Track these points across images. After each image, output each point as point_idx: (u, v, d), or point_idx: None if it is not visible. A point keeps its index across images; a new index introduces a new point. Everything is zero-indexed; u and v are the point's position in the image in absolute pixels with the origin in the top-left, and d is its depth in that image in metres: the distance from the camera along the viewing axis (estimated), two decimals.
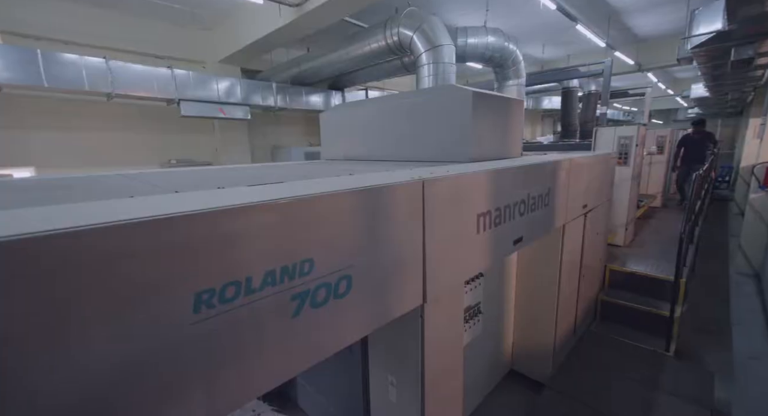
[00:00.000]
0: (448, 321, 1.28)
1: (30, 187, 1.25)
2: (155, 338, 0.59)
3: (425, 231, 1.14)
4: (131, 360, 0.57)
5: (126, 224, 0.55)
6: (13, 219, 0.56)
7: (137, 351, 0.57)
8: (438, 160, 1.88)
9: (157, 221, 0.58)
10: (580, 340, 2.75)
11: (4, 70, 3.91)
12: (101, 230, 0.53)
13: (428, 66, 4.26)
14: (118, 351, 0.55)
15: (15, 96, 4.61)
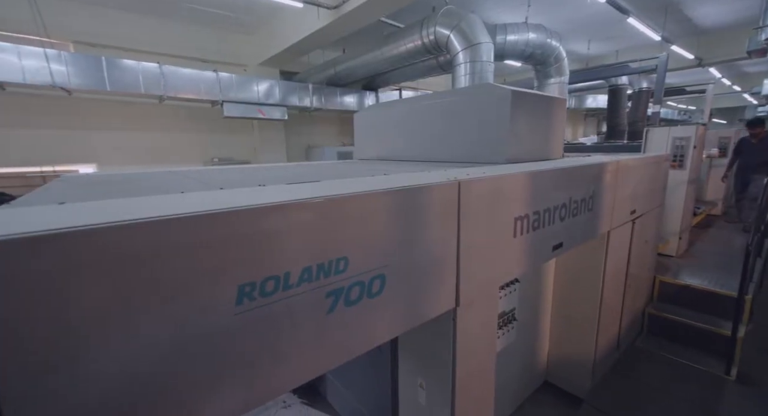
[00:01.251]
0: (482, 327, 1.25)
1: (93, 182, 1.38)
2: (204, 325, 0.63)
3: (460, 233, 1.11)
4: (183, 344, 0.61)
5: (181, 218, 0.59)
6: (84, 211, 0.62)
7: (188, 336, 0.61)
8: (473, 160, 1.83)
9: (208, 216, 0.62)
10: (624, 355, 2.57)
11: (75, 77, 4.33)
12: (161, 222, 0.57)
13: (465, 65, 4.18)
14: (172, 334, 0.59)
15: (81, 99, 5.10)
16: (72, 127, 5.22)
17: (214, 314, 0.64)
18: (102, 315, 0.52)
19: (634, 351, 2.66)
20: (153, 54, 5.45)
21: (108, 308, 0.53)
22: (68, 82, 4.30)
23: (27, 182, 5.10)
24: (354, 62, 5.79)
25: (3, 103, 4.64)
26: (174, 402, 0.62)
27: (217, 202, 0.70)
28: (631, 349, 2.67)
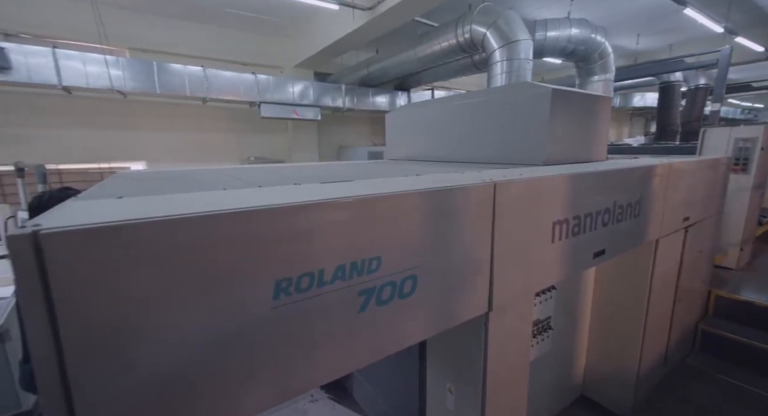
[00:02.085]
0: (515, 334, 1.21)
1: (144, 178, 1.48)
2: (244, 317, 0.65)
3: (494, 236, 1.08)
4: (224, 334, 0.64)
5: (226, 214, 0.61)
6: (141, 205, 0.66)
7: (229, 326, 0.64)
8: (508, 162, 1.77)
9: (250, 212, 0.64)
10: (672, 372, 2.38)
11: (129, 80, 4.69)
12: (208, 218, 0.60)
13: (501, 63, 4.05)
14: (215, 323, 0.62)
15: (134, 101, 5.52)
16: (126, 128, 5.66)
17: (253, 307, 0.66)
18: (155, 302, 0.56)
19: (683, 368, 2.45)
20: (198, 58, 5.77)
21: (161, 295, 0.56)
22: (124, 85, 4.66)
23: (87, 177, 5.60)
24: (387, 62, 5.81)
25: (69, 105, 5.11)
26: (216, 390, 0.65)
27: (257, 199, 0.72)
28: (681, 367, 2.46)
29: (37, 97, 4.88)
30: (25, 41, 4.49)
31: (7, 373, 2.64)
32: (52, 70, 4.18)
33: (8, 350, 2.63)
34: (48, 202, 1.66)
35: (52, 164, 4.70)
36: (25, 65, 4.05)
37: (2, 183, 5.08)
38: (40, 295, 0.46)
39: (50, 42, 4.53)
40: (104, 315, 0.52)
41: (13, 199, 4.79)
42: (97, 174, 5.72)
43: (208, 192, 0.88)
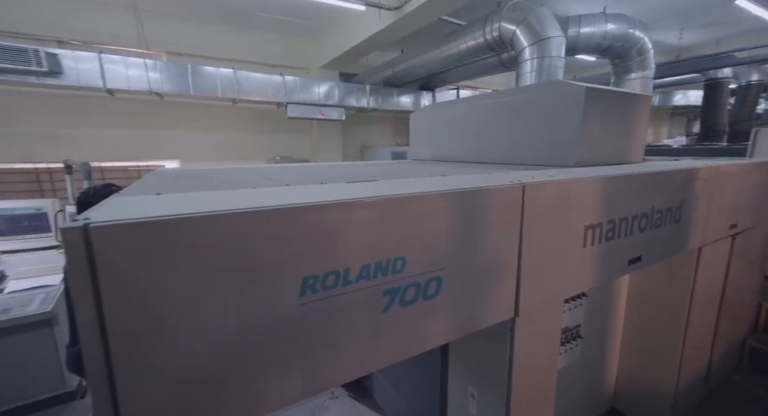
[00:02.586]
0: (542, 340, 1.17)
1: (179, 176, 1.55)
2: (272, 311, 0.67)
3: (522, 239, 1.05)
4: (253, 327, 0.66)
5: (256, 211, 0.63)
6: (178, 202, 0.69)
7: (258, 319, 0.66)
8: (536, 163, 1.72)
9: (279, 210, 0.66)
10: (715, 390, 2.22)
11: (166, 83, 4.93)
12: (240, 214, 0.62)
13: (531, 61, 3.92)
14: (245, 316, 0.64)
15: (169, 103, 5.79)
16: (161, 127, 5.96)
17: (281, 302, 0.68)
18: (191, 293, 0.59)
19: (728, 386, 2.28)
20: (229, 60, 5.98)
21: (196, 287, 0.59)
22: (161, 87, 4.91)
23: (126, 174, 5.95)
24: (412, 62, 5.78)
25: (111, 107, 5.45)
26: (246, 380, 0.67)
27: (285, 198, 0.74)
28: (725, 384, 2.30)
29: (84, 99, 5.24)
30: (75, 48, 4.83)
31: (55, 356, 2.84)
32: (98, 74, 4.47)
33: (56, 334, 2.84)
34: (93, 198, 1.77)
35: (96, 162, 5.02)
36: (75, 70, 4.35)
37: (52, 179, 5.49)
38: (88, 283, 0.49)
39: (97, 48, 4.84)
40: (144, 305, 0.55)
41: (62, 193, 5.16)
42: (135, 171, 6.06)
43: (239, 190, 0.91)
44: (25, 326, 2.70)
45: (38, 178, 5.44)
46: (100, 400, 0.52)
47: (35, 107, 5.06)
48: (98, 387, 0.52)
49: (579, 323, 1.61)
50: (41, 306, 2.77)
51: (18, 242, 3.50)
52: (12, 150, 5.05)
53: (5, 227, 3.46)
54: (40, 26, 4.88)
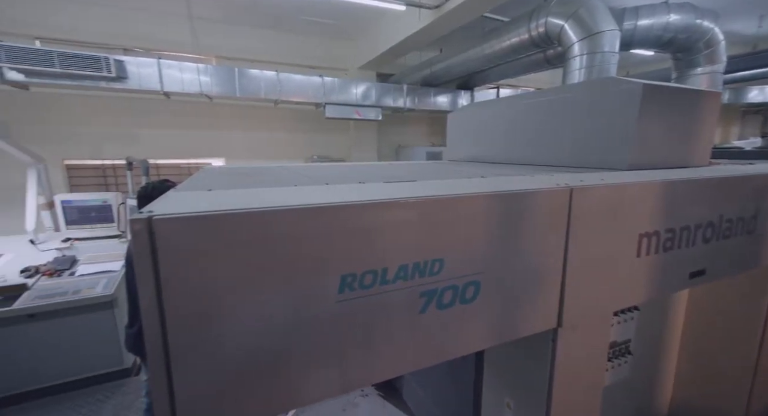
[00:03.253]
0: (587, 354, 1.10)
1: (226, 173, 1.64)
2: (311, 306, 0.69)
3: (568, 246, 0.99)
4: (293, 320, 0.68)
5: (300, 208, 0.65)
6: (228, 198, 0.73)
7: (297, 313, 0.68)
8: (584, 165, 1.62)
9: (322, 208, 0.68)
10: None
11: (215, 85, 5.25)
12: (285, 211, 0.64)
13: (581, 57, 3.70)
14: (287, 311, 0.67)
15: (217, 104, 6.16)
16: (209, 127, 6.36)
17: (319, 298, 0.70)
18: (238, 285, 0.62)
19: None
20: (272, 63, 6.24)
21: (243, 280, 0.62)
22: (210, 90, 5.23)
23: (178, 171, 6.40)
24: (451, 61, 5.69)
25: (166, 108, 5.90)
26: (286, 373, 0.69)
27: (326, 196, 0.76)
28: None
29: (144, 102, 5.72)
30: (138, 54, 5.28)
31: (115, 335, 3.13)
32: (156, 78, 4.85)
33: (116, 315, 3.12)
34: (152, 192, 1.94)
35: (153, 159, 5.45)
36: (137, 74, 4.76)
37: (116, 174, 6.04)
38: (150, 270, 0.54)
39: (156, 54, 5.26)
40: (197, 292, 0.59)
41: (123, 188, 5.67)
42: (185, 168, 6.51)
43: (282, 188, 0.94)
44: (91, 306, 3.00)
45: (104, 173, 6.02)
46: (157, 374, 0.57)
47: (102, 109, 5.60)
48: (156, 363, 0.57)
49: (629, 338, 1.49)
50: (105, 289, 3.06)
51: (87, 230, 3.90)
52: (84, 148, 5.63)
53: (77, 216, 3.86)
54: (109, 36, 5.40)
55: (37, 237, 3.68)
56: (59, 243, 3.65)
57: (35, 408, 2.90)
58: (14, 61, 4.05)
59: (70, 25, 5.18)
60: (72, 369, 3.03)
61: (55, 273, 3.16)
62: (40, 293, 2.90)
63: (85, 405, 2.94)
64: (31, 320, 2.82)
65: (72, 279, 3.13)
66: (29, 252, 3.48)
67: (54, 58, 4.16)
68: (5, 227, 4.74)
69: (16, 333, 2.79)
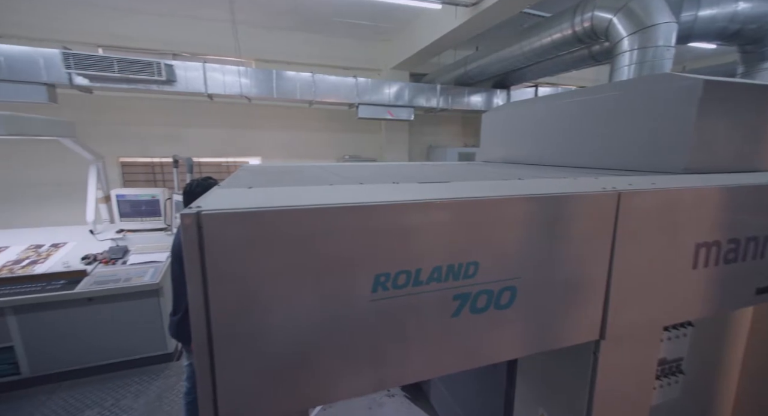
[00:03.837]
0: (633, 370, 1.02)
1: (264, 171, 1.70)
2: (346, 304, 0.70)
3: (614, 254, 0.93)
4: (328, 316, 0.69)
5: (338, 207, 0.66)
6: (269, 195, 0.76)
7: (332, 310, 0.69)
8: (631, 168, 1.52)
9: (358, 207, 0.68)
10: None
11: (254, 87, 5.47)
12: (324, 210, 0.65)
13: (630, 53, 3.46)
14: (320, 306, 0.68)
15: (255, 105, 6.42)
16: (247, 127, 6.64)
17: (354, 296, 0.70)
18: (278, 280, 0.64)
19: None
20: (307, 65, 6.41)
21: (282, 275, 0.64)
22: (250, 91, 5.47)
23: (218, 169, 6.75)
24: (487, 59, 5.54)
25: (209, 109, 6.24)
26: (322, 368, 0.70)
27: (362, 196, 0.76)
28: None
29: (189, 103, 6.09)
30: (185, 59, 5.63)
31: (159, 321, 3.36)
32: (201, 81, 5.14)
33: (161, 303, 3.35)
34: (196, 188, 2.06)
35: (196, 157, 5.79)
36: (185, 78, 5.07)
37: (163, 171, 6.48)
38: (197, 261, 0.57)
39: (201, 58, 5.58)
40: (238, 285, 0.61)
41: (170, 184, 6.06)
42: (225, 166, 6.85)
43: (318, 186, 0.96)
44: (139, 293, 3.24)
45: (153, 170, 6.47)
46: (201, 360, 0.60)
47: (152, 111, 6.03)
48: (200, 350, 0.60)
49: (681, 356, 1.37)
50: (152, 278, 3.29)
51: (137, 223, 4.21)
52: (136, 146, 6.09)
53: (129, 210, 4.18)
54: (160, 43, 5.80)
55: (96, 228, 4.02)
56: (114, 234, 3.97)
57: (91, 383, 3.18)
58: (81, 68, 4.46)
59: (126, 34, 5.63)
60: (121, 351, 3.29)
61: (110, 261, 3.44)
62: (98, 279, 3.18)
63: (133, 385, 3.18)
64: (89, 303, 3.09)
65: (124, 267, 3.40)
66: (89, 242, 3.82)
67: (114, 64, 4.53)
68: (69, 218, 5.24)
69: (76, 314, 3.08)
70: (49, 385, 3.13)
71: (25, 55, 4.39)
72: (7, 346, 2.95)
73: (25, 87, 4.46)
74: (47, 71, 4.45)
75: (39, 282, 3.05)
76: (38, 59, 4.41)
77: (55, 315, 3.02)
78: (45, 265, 3.29)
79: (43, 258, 3.44)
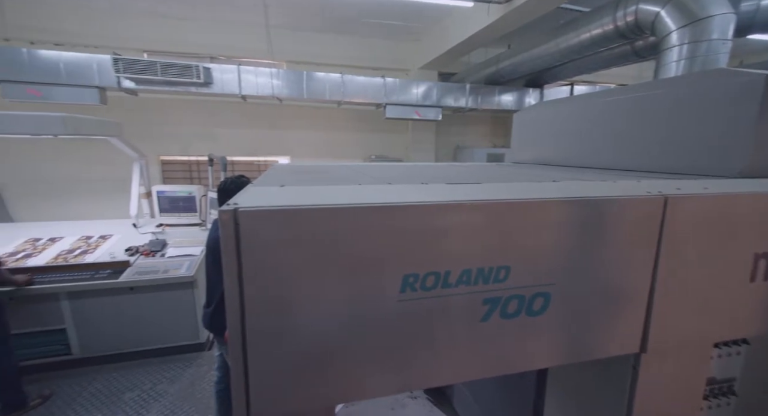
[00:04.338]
0: (677, 387, 0.95)
1: (294, 170, 1.73)
2: (373, 304, 0.70)
3: (658, 263, 0.87)
4: (356, 315, 0.69)
5: (369, 207, 0.67)
6: (300, 194, 0.77)
7: (361, 309, 0.69)
8: (677, 171, 1.41)
9: (388, 207, 0.68)
10: None
11: (285, 88, 5.62)
12: (355, 209, 0.66)
13: (680, 48, 3.22)
14: (349, 304, 0.69)
15: (285, 106, 6.59)
16: (277, 127, 6.84)
17: (382, 296, 0.70)
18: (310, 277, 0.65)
19: None
20: (336, 66, 6.50)
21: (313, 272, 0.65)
22: (281, 92, 5.63)
23: (249, 167, 7.00)
24: (520, 57, 5.37)
25: (242, 110, 6.48)
26: (349, 365, 0.71)
27: (391, 196, 0.76)
28: None
29: (224, 104, 6.36)
30: (221, 61, 5.89)
31: (193, 312, 3.53)
32: (236, 83, 5.35)
33: (195, 295, 3.52)
34: (230, 186, 2.14)
35: (230, 156, 6.03)
36: (221, 80, 5.30)
37: (199, 169, 6.80)
38: (234, 256, 0.59)
39: (236, 61, 5.81)
40: (270, 282, 0.63)
41: (205, 182, 6.36)
42: (256, 165, 7.10)
43: (348, 186, 0.97)
44: (175, 285, 3.42)
45: (189, 168, 6.81)
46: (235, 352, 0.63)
47: (189, 111, 6.34)
48: (235, 342, 0.63)
49: (733, 376, 1.26)
50: (187, 270, 3.46)
51: (174, 218, 4.45)
52: (174, 145, 6.44)
53: (168, 205, 4.42)
54: (198, 46, 6.10)
55: (138, 222, 4.29)
56: (154, 228, 4.22)
57: (131, 367, 3.40)
58: (129, 72, 4.78)
59: (168, 39, 5.96)
60: (158, 338, 3.49)
61: (150, 253, 3.66)
62: (139, 269, 3.39)
63: (168, 371, 3.37)
64: (131, 292, 3.30)
65: (162, 259, 3.60)
66: (132, 234, 4.08)
67: (157, 67, 4.82)
68: (115, 212, 5.62)
69: (120, 302, 3.30)
70: (96, 366, 3.37)
71: (82, 61, 4.76)
72: (61, 328, 3.22)
73: (81, 90, 4.84)
74: (99, 75, 4.80)
75: (88, 271, 3.30)
76: (92, 64, 4.77)
77: (101, 301, 3.25)
78: (94, 255, 3.55)
79: (92, 248, 3.71)
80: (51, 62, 4.65)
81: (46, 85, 4.70)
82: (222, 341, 2.23)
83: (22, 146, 5.52)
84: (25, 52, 4.59)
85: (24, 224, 4.74)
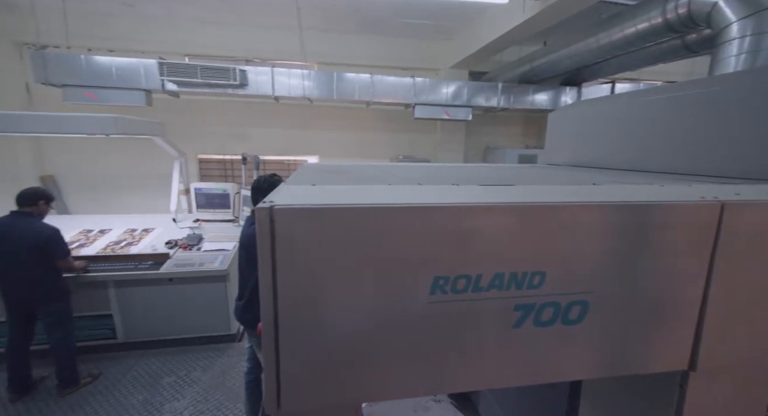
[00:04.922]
0: (732, 411, 0.87)
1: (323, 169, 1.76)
2: (403, 304, 0.70)
3: (712, 273, 0.81)
4: (386, 315, 0.69)
5: (400, 207, 0.66)
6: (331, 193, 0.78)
7: (391, 309, 0.69)
8: (733, 175, 1.30)
9: (420, 208, 0.68)
10: None
11: (315, 89, 5.74)
12: (386, 209, 0.66)
13: (740, 40, 2.94)
14: (379, 304, 0.69)
15: (316, 106, 6.73)
16: (307, 127, 7.00)
17: (412, 296, 0.70)
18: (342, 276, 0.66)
19: None
20: (366, 66, 6.55)
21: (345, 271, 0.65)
22: (312, 93, 5.75)
23: (280, 166, 7.21)
24: (557, 55, 5.15)
25: (275, 110, 6.69)
26: (378, 365, 0.71)
27: (422, 196, 0.75)
28: None
29: (257, 105, 6.59)
30: (256, 64, 6.10)
31: (225, 304, 3.68)
32: (269, 84, 5.53)
33: (228, 288, 3.67)
34: (263, 184, 2.21)
35: (262, 155, 6.24)
36: (255, 82, 5.50)
37: (233, 167, 7.09)
38: (269, 252, 0.61)
39: (270, 63, 6.00)
40: (302, 278, 0.64)
41: (238, 180, 6.62)
42: (286, 164, 7.30)
43: (378, 185, 0.97)
44: (210, 277, 3.58)
45: (224, 167, 7.12)
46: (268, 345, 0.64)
47: (225, 112, 6.63)
48: (268, 336, 0.64)
49: None
50: (221, 264, 3.62)
51: (210, 214, 4.66)
52: (211, 144, 6.76)
53: (204, 202, 4.64)
54: (234, 50, 6.36)
55: (177, 217, 4.54)
56: (191, 223, 4.46)
57: (169, 353, 3.61)
58: (172, 75, 5.07)
59: (207, 43, 6.26)
60: (193, 328, 3.68)
61: (187, 247, 3.86)
62: (178, 262, 3.59)
63: (202, 360, 3.54)
64: (170, 283, 3.50)
65: (199, 253, 3.79)
66: (171, 229, 4.33)
67: (197, 70, 5.07)
68: (156, 207, 5.98)
69: (160, 292, 3.51)
70: (138, 351, 3.61)
71: (131, 65, 5.11)
72: (107, 314, 3.47)
73: (130, 93, 5.20)
74: (146, 78, 5.13)
75: (132, 262, 3.53)
76: (140, 68, 5.11)
77: (143, 291, 3.48)
78: (138, 247, 3.80)
79: (136, 241, 3.97)
80: (105, 67, 5.03)
81: (100, 88, 5.09)
82: (252, 334, 2.31)
83: (79, 144, 6.01)
84: (83, 59, 5.00)
85: (78, 216, 5.17)
